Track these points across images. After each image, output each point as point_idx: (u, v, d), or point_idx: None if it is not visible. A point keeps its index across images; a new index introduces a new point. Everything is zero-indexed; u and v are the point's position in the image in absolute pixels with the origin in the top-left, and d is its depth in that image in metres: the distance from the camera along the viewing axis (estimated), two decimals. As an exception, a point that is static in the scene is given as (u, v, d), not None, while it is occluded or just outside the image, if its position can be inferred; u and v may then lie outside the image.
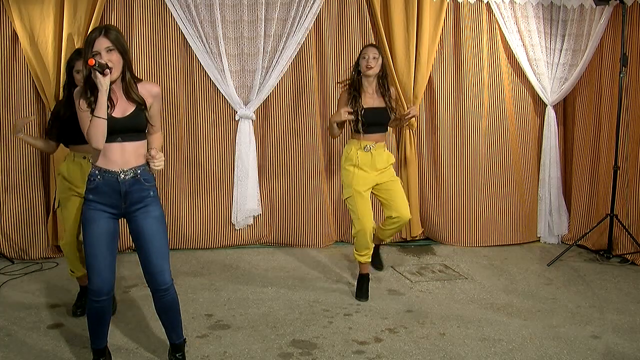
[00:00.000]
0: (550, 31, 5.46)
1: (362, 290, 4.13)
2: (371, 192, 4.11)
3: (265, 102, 5.24)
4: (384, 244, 4.86)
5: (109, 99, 2.69)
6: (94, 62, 2.60)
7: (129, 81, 2.75)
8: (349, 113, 3.92)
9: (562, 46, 5.44)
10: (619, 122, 4.95)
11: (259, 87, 5.12)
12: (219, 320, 3.69)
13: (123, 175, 2.75)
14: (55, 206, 3.70)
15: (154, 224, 2.86)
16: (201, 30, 4.95)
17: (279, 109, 5.26)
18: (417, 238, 5.55)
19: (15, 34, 4.63)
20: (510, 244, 5.55)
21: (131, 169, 2.77)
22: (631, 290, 4.37)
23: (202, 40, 4.98)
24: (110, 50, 2.67)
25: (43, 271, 4.54)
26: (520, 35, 5.38)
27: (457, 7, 5.36)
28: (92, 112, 2.65)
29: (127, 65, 2.74)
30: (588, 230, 5.25)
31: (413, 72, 5.25)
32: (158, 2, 4.96)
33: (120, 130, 2.71)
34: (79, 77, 3.51)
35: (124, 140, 2.73)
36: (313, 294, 4.12)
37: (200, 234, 5.22)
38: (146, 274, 2.89)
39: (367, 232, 4.00)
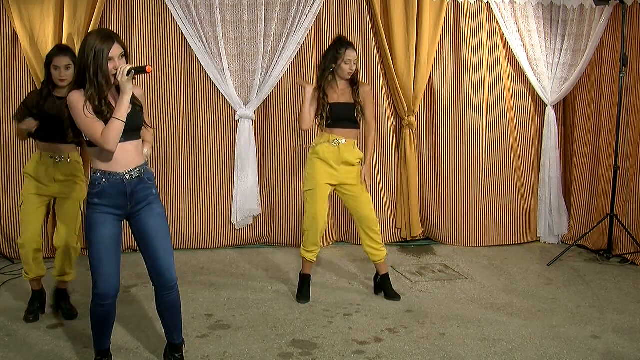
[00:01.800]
0: (550, 31, 5.46)
1: (302, 292, 4.08)
2: (335, 192, 4.07)
3: (265, 102, 5.24)
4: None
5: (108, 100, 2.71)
6: (151, 69, 2.64)
7: None
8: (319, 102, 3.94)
9: (562, 46, 5.44)
10: (619, 122, 4.95)
11: (259, 87, 5.12)
12: (219, 320, 3.69)
13: (128, 176, 2.76)
14: (20, 204, 3.69)
15: (159, 221, 2.85)
16: (201, 30, 4.95)
17: (279, 109, 5.26)
18: (417, 238, 5.55)
19: (15, 34, 4.63)
20: (510, 244, 5.54)
21: (135, 168, 2.78)
22: (631, 290, 4.37)
23: (202, 40, 4.98)
24: (123, 55, 2.69)
25: (43, 271, 4.53)
26: (520, 35, 5.38)
27: (457, 7, 5.36)
28: (100, 114, 2.63)
29: None
30: (588, 230, 5.25)
31: (413, 72, 5.25)
32: (158, 2, 4.96)
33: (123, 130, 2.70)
34: (56, 74, 3.51)
35: (125, 140, 2.71)
36: (313, 294, 4.12)
37: (200, 234, 5.22)
38: (153, 272, 2.86)
39: (319, 229, 4.00)
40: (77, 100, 2.65)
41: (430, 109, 5.49)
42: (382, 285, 4.15)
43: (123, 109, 2.64)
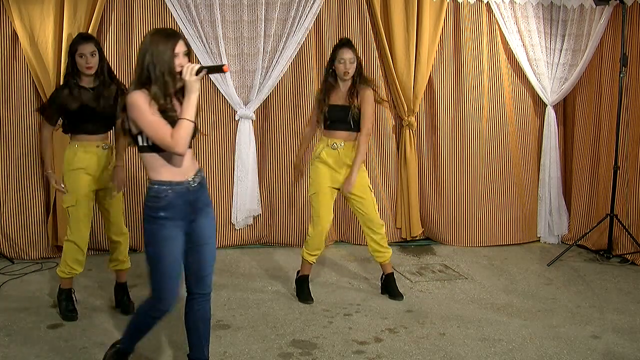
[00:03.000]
0: (550, 31, 5.46)
1: (305, 293, 4.08)
2: (341, 194, 4.07)
3: (265, 102, 5.24)
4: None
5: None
6: (228, 68, 2.52)
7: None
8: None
9: (562, 46, 5.44)
10: (619, 122, 4.95)
11: (259, 87, 5.12)
12: (219, 320, 3.69)
13: (193, 184, 2.64)
14: (67, 204, 3.61)
15: (212, 226, 2.75)
16: (201, 30, 4.95)
17: (279, 109, 5.26)
18: (417, 238, 5.55)
19: (15, 34, 4.63)
20: (510, 244, 5.54)
21: (196, 174, 2.67)
22: (631, 290, 4.37)
23: (202, 40, 4.97)
24: (187, 54, 2.56)
25: (43, 271, 4.53)
26: (520, 35, 5.38)
27: (457, 7, 5.35)
28: (164, 114, 2.50)
29: None
30: (588, 230, 5.25)
31: (413, 72, 5.25)
32: (158, 2, 4.95)
33: None
34: (82, 62, 3.54)
35: None
36: (313, 294, 4.11)
37: (200, 234, 5.21)
38: (193, 276, 2.72)
39: (324, 233, 4.01)
40: (141, 100, 2.48)
41: (430, 109, 5.49)
42: (386, 285, 4.16)
43: (192, 109, 2.51)
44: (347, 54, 3.86)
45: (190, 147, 2.63)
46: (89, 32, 4.58)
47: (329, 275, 4.61)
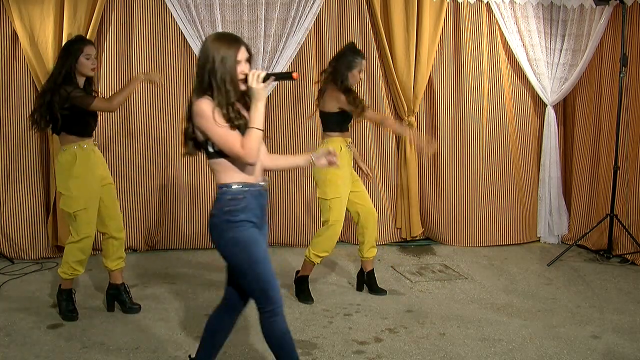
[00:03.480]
0: (550, 31, 5.46)
1: (306, 293, 4.08)
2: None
3: (265, 102, 5.22)
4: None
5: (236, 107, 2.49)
6: (297, 75, 2.48)
7: None
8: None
9: (562, 46, 5.44)
10: (619, 122, 4.95)
11: (259, 87, 5.11)
12: (219, 320, 3.68)
13: (265, 186, 2.57)
14: (75, 209, 3.57)
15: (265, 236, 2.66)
16: (201, 31, 4.95)
17: (279, 109, 5.26)
18: (417, 238, 5.55)
19: (15, 34, 4.63)
20: (510, 244, 5.54)
21: (262, 177, 2.59)
22: (631, 290, 4.37)
23: (202, 40, 4.96)
24: (248, 60, 2.50)
25: (43, 271, 4.54)
26: (520, 35, 5.38)
27: (457, 7, 5.36)
28: (229, 122, 2.41)
29: None
30: (588, 230, 5.25)
31: (413, 72, 5.25)
32: (158, 2, 4.95)
33: None
34: (89, 64, 3.56)
35: None
36: (313, 293, 4.11)
37: (200, 234, 5.21)
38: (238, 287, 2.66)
39: (338, 236, 4.03)
40: (208, 109, 2.40)
41: (430, 108, 5.49)
42: (369, 281, 4.21)
43: (260, 117, 2.43)
44: (364, 65, 4.02)
45: None
46: (89, 32, 4.60)
47: (328, 275, 4.60)
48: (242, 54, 2.46)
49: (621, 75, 4.89)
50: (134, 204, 5.06)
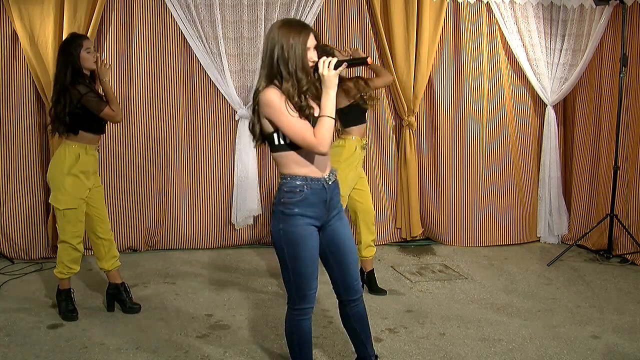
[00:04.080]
0: (550, 31, 5.46)
1: None
2: None
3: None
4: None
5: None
6: (372, 60, 2.41)
7: None
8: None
9: (562, 46, 5.44)
10: (619, 122, 4.95)
11: (259, 87, 5.11)
12: (219, 320, 3.69)
13: (330, 181, 2.52)
14: (67, 206, 3.57)
15: (349, 230, 2.64)
16: (201, 30, 4.95)
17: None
18: (417, 238, 5.55)
19: (15, 34, 4.63)
20: (510, 244, 5.54)
21: (331, 171, 2.55)
22: (631, 290, 4.37)
23: (202, 40, 4.97)
24: (316, 47, 2.46)
25: (43, 271, 4.54)
26: (520, 35, 5.38)
27: (457, 7, 5.35)
28: (300, 112, 2.37)
29: None
30: (588, 230, 5.25)
31: (413, 72, 5.25)
32: (158, 2, 4.95)
33: None
34: (91, 57, 3.55)
35: None
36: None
37: (200, 234, 5.22)
38: (340, 285, 2.66)
39: None
40: (276, 98, 2.37)
41: (430, 109, 5.49)
42: (369, 281, 4.20)
43: (331, 105, 2.37)
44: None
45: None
46: (89, 32, 4.60)
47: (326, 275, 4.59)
48: (311, 41, 2.42)
49: (621, 76, 4.89)
50: (134, 204, 5.06)
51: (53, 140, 4.65)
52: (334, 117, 2.39)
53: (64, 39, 3.95)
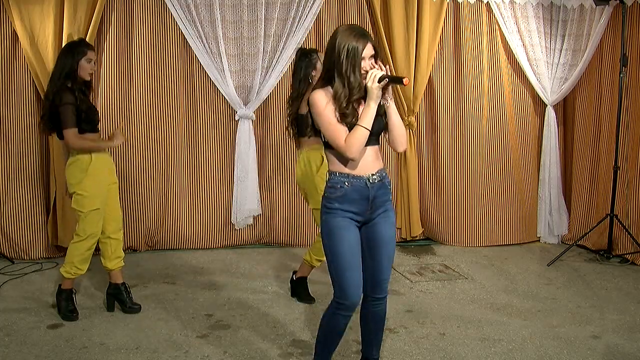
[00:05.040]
0: (550, 31, 5.46)
1: (305, 293, 4.07)
2: None
3: (265, 102, 5.23)
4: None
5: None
6: (408, 82, 2.53)
7: None
8: None
9: (562, 46, 5.44)
10: (619, 123, 4.95)
11: (259, 87, 5.12)
12: (219, 320, 3.69)
13: (372, 180, 2.60)
14: (90, 208, 3.59)
15: (392, 230, 2.69)
16: (201, 30, 4.95)
17: (279, 109, 5.25)
18: (417, 238, 5.55)
19: (15, 34, 4.63)
20: (510, 244, 5.54)
21: (377, 172, 2.64)
22: (631, 290, 4.37)
23: (202, 40, 4.98)
24: (373, 57, 2.52)
25: (43, 271, 4.53)
26: (520, 35, 5.38)
27: (457, 7, 5.36)
28: (344, 117, 2.49)
29: None
30: (588, 230, 5.25)
31: (413, 72, 5.26)
32: (158, 2, 4.96)
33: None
34: (89, 67, 3.61)
35: (367, 145, 2.58)
36: (312, 294, 4.11)
37: (199, 234, 5.22)
38: (370, 280, 2.68)
39: None
40: (320, 100, 2.52)
41: (430, 109, 5.49)
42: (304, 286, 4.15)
43: (370, 117, 2.48)
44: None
45: (377, 144, 2.67)
46: (89, 32, 4.60)
47: (328, 275, 4.59)
48: (368, 50, 2.48)
49: (621, 76, 4.89)
50: (134, 204, 5.06)
51: (53, 140, 4.66)
52: (369, 128, 2.49)
53: (71, 39, 3.98)
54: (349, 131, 2.50)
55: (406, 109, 5.31)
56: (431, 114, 5.50)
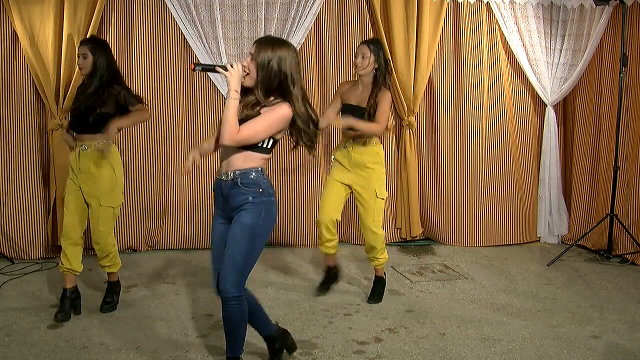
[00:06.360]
0: (550, 31, 5.46)
1: (323, 283, 4.12)
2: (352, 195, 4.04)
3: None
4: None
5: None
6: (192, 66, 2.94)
7: None
8: None
9: (562, 46, 5.44)
10: (619, 122, 4.95)
11: (259, 87, 5.11)
12: (219, 320, 3.68)
13: (224, 179, 2.84)
14: (120, 202, 3.71)
15: (238, 229, 2.74)
16: (201, 31, 4.95)
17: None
18: (417, 238, 5.55)
19: (15, 34, 4.63)
20: (510, 244, 5.54)
21: (230, 172, 2.82)
22: (631, 290, 4.37)
23: (202, 40, 4.97)
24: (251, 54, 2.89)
25: (43, 271, 4.53)
26: (520, 35, 5.38)
27: (457, 7, 5.35)
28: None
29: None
30: (588, 230, 5.25)
31: (413, 72, 5.25)
32: (158, 2, 4.95)
33: None
34: (79, 61, 3.68)
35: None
36: (312, 294, 4.12)
37: (200, 234, 5.22)
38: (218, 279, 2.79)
39: (322, 224, 3.94)
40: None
41: (430, 109, 5.49)
42: (375, 287, 4.13)
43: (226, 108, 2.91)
44: (361, 49, 3.88)
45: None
46: (89, 32, 4.59)
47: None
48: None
49: (621, 75, 4.89)
50: (134, 204, 5.06)
51: (53, 140, 4.66)
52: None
53: (103, 39, 4.06)
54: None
55: (406, 108, 5.31)
56: (431, 114, 5.49)
